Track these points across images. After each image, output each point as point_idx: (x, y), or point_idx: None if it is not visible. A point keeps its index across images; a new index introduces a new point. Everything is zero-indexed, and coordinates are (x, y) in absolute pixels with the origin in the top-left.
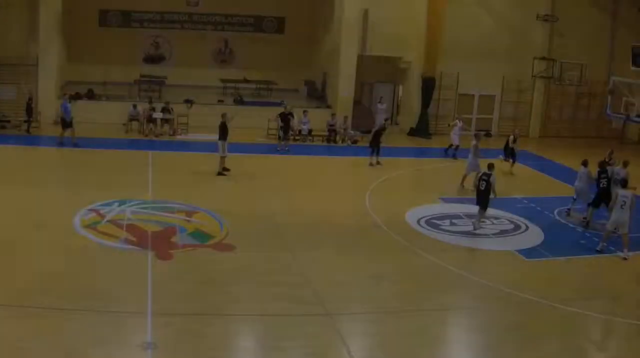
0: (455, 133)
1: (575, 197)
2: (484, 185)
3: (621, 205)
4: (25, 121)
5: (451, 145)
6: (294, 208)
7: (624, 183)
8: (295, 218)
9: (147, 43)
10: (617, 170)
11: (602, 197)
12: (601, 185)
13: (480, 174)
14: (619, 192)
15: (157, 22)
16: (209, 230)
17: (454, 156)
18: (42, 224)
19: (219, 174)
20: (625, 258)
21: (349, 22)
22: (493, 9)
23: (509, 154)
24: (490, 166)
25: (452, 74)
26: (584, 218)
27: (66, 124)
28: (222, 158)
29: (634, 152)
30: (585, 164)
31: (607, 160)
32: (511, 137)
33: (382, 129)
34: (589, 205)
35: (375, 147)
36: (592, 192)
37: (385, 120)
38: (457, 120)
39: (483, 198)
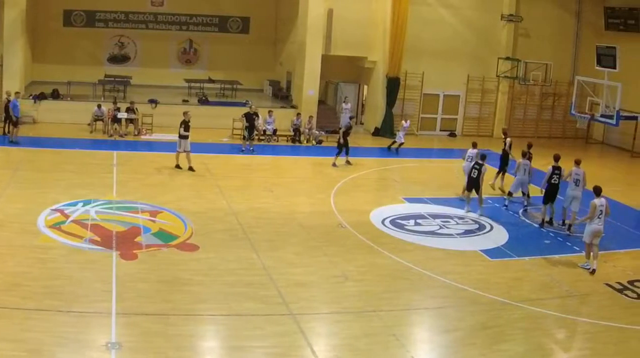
0: (402, 131)
1: (522, 192)
2: (475, 174)
3: (598, 216)
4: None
5: (394, 141)
6: (259, 209)
7: (598, 191)
8: (259, 218)
9: (111, 43)
10: (575, 170)
11: (552, 194)
12: (552, 181)
13: (473, 163)
14: (597, 202)
15: (122, 22)
16: (173, 230)
17: (397, 151)
18: (6, 224)
19: (179, 167)
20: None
21: (313, 22)
22: (457, 9)
23: (504, 163)
24: (483, 157)
25: (417, 73)
26: (564, 224)
27: (14, 122)
28: (180, 153)
29: (599, 152)
30: (524, 154)
31: (527, 151)
32: (508, 140)
33: (349, 129)
34: (544, 203)
35: (344, 147)
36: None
37: (351, 118)
38: (403, 121)
39: (474, 184)
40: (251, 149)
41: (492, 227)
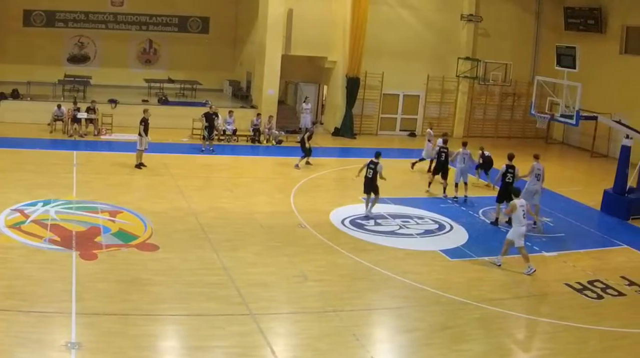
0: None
1: (456, 181)
2: (371, 173)
3: (522, 216)
4: None
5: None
6: (219, 208)
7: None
8: (219, 218)
9: (71, 43)
10: (537, 165)
11: (506, 193)
12: (507, 180)
13: (367, 164)
14: (517, 203)
15: (82, 22)
16: (133, 230)
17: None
18: None
19: (137, 166)
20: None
21: (273, 22)
22: (417, 9)
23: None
24: (377, 155)
25: (377, 74)
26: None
27: None
28: (141, 152)
29: (559, 152)
30: (464, 144)
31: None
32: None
33: (311, 134)
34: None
35: (307, 152)
36: (471, 172)
37: (314, 123)
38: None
39: (370, 184)
40: (211, 149)
41: (452, 227)
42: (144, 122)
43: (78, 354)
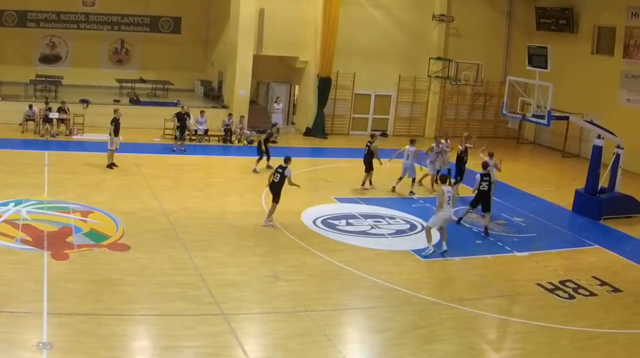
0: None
1: (401, 175)
2: (277, 178)
3: (447, 201)
4: None
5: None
6: (190, 209)
7: (444, 180)
8: (191, 218)
9: (43, 43)
10: (491, 163)
11: (481, 199)
12: (481, 188)
13: (275, 168)
14: (444, 189)
15: (53, 22)
16: (105, 230)
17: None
18: None
19: (109, 166)
20: (426, 257)
21: (245, 22)
22: (389, 9)
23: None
24: (286, 159)
25: (349, 73)
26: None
27: None
28: (112, 152)
29: (530, 152)
30: (412, 142)
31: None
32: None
33: (269, 136)
34: (471, 205)
35: (265, 153)
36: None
37: (273, 126)
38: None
39: (273, 190)
40: (183, 149)
41: (423, 227)
42: (115, 122)
43: (49, 354)
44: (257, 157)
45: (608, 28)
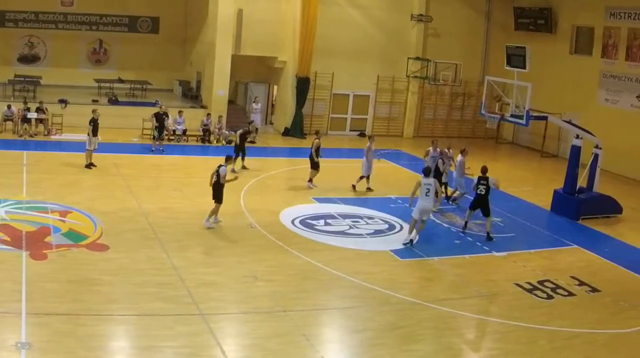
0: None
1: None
2: (217, 177)
3: (425, 193)
4: None
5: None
6: (169, 208)
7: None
8: (169, 218)
9: (21, 43)
10: (459, 159)
11: (479, 203)
12: (479, 191)
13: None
14: (422, 181)
15: (32, 22)
16: (83, 230)
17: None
18: None
19: (87, 166)
20: (405, 244)
21: (223, 22)
22: (367, 9)
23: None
24: (227, 159)
25: (327, 73)
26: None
27: None
28: (90, 151)
29: (509, 152)
30: (370, 138)
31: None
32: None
33: (246, 133)
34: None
35: (241, 151)
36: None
37: (249, 123)
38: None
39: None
40: (161, 149)
41: (402, 227)
42: (93, 122)
43: (28, 354)
44: (234, 157)
45: (586, 28)
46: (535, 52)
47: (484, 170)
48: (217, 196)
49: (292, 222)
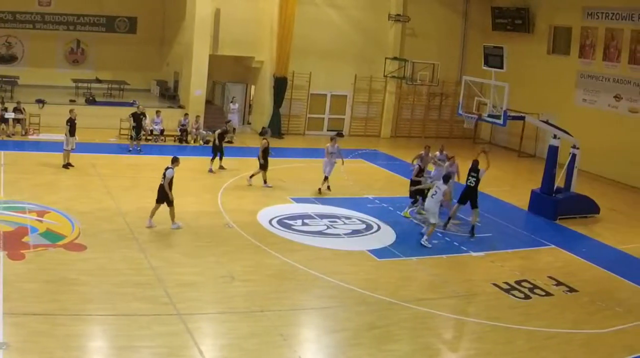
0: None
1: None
2: (162, 180)
3: (432, 194)
4: None
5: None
6: (146, 208)
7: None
8: (147, 218)
9: None
10: (444, 160)
11: (469, 195)
12: (468, 183)
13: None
14: (436, 183)
15: (9, 22)
16: (61, 230)
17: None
18: None
19: (65, 166)
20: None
21: (200, 22)
22: (345, 9)
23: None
24: (172, 160)
25: (304, 73)
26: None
27: None
28: (68, 151)
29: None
30: (333, 139)
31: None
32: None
33: (224, 132)
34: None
35: (219, 151)
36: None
37: (227, 122)
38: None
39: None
40: (138, 149)
41: (379, 227)
42: (70, 122)
43: (5, 354)
44: (212, 157)
45: (564, 28)
46: (513, 52)
47: (475, 164)
48: (164, 198)
49: (270, 222)
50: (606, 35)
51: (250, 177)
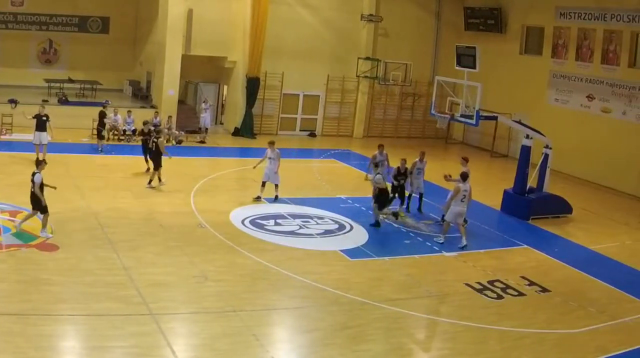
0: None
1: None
2: (31, 186)
3: (461, 199)
4: None
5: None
6: (118, 208)
7: (465, 177)
8: (119, 218)
9: None
10: (462, 186)
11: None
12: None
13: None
14: (460, 186)
15: None
16: (33, 230)
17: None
18: None
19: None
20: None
21: (173, 22)
22: (317, 9)
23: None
24: (37, 164)
25: (277, 73)
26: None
27: None
28: (37, 146)
29: (459, 152)
30: (271, 144)
31: (420, 159)
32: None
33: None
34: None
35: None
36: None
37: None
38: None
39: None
40: (100, 149)
41: (352, 227)
42: (37, 118)
43: None
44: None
45: (536, 28)
46: (485, 52)
47: (465, 176)
48: (37, 205)
49: (242, 222)
50: (579, 35)
51: (159, 180)
